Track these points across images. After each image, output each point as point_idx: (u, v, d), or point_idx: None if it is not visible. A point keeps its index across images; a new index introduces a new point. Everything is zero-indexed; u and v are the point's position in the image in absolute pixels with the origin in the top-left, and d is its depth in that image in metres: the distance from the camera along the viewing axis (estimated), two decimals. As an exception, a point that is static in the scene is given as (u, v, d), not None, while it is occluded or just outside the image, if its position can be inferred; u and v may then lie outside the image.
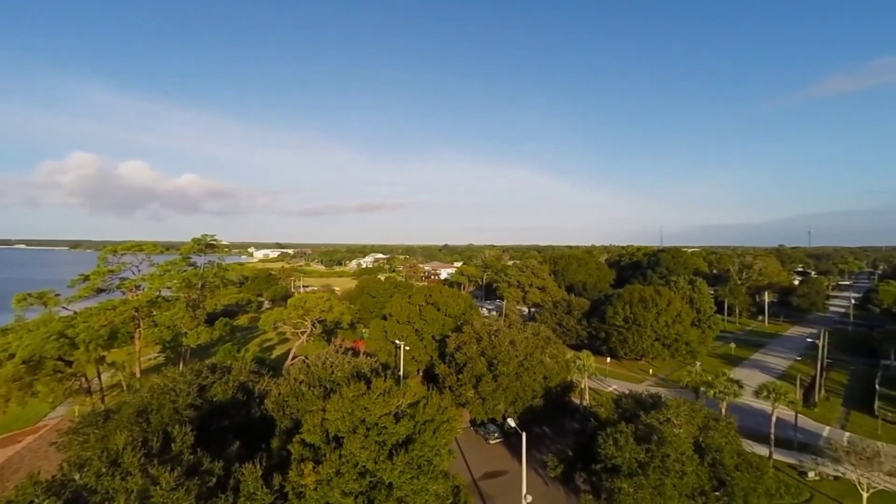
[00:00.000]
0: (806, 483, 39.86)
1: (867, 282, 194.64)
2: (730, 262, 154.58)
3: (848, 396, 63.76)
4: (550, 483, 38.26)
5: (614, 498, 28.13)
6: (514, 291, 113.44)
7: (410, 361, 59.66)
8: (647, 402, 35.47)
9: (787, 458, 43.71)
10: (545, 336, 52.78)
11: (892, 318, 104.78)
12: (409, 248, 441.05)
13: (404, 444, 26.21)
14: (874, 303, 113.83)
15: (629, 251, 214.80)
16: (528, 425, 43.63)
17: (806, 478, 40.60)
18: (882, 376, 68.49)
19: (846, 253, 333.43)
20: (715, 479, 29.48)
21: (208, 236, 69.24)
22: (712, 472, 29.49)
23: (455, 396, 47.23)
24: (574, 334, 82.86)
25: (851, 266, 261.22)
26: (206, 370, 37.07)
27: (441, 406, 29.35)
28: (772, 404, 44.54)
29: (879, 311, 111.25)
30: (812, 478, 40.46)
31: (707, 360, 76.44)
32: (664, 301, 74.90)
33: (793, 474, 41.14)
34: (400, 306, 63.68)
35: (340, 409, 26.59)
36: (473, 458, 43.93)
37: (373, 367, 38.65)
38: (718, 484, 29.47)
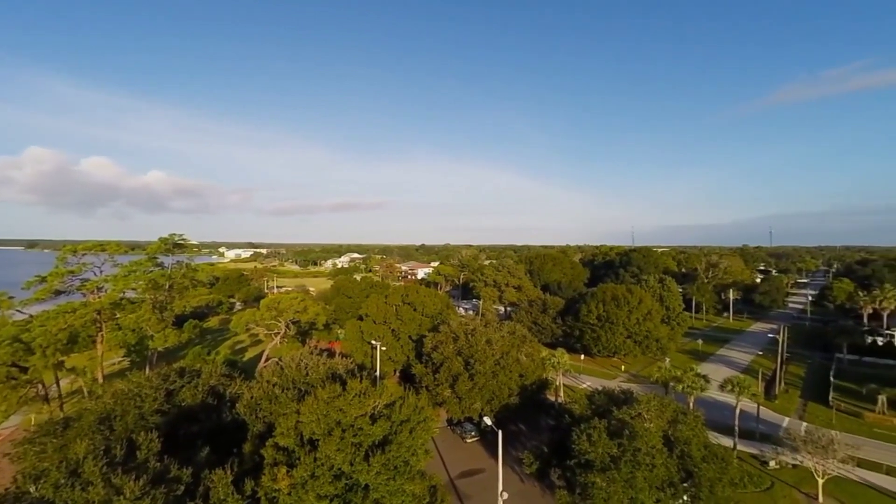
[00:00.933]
0: (767, 472, 41.74)
1: (823, 280, 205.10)
2: (697, 262, 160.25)
3: (805, 388, 67.14)
4: (526, 479, 38.74)
5: (588, 492, 28.71)
6: (491, 291, 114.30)
7: (387, 362, 59.29)
8: (620, 397, 36.38)
9: (749, 448, 45.65)
10: (521, 335, 53.39)
11: (845, 313, 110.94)
12: (385, 248, 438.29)
13: (381, 445, 26.05)
14: (829, 299, 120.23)
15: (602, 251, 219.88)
16: (504, 423, 44.05)
17: (767, 467, 42.51)
18: (836, 369, 72.50)
19: (804, 252, 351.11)
20: (683, 471, 30.50)
21: (176, 235, 66.93)
22: (681, 464, 30.50)
23: (432, 396, 47.22)
24: (549, 332, 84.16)
25: (808, 265, 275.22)
26: (174, 374, 35.82)
27: (417, 406, 29.30)
28: (736, 397, 46.46)
29: (833, 307, 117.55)
30: (773, 467, 42.40)
31: (676, 356, 78.99)
32: (635, 299, 77.00)
33: (755, 464, 43.01)
34: (376, 306, 63.19)
35: (315, 412, 26.19)
36: (450, 457, 44.04)
37: (348, 369, 38.21)
38: (686, 475, 30.50)
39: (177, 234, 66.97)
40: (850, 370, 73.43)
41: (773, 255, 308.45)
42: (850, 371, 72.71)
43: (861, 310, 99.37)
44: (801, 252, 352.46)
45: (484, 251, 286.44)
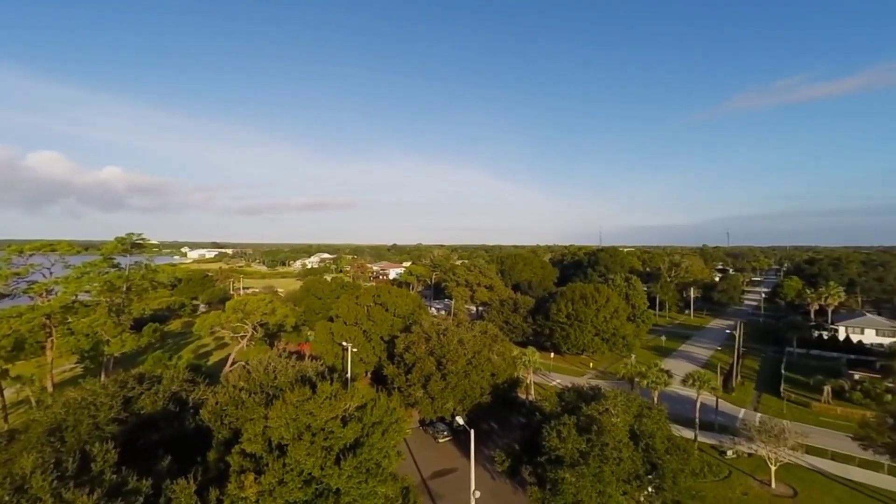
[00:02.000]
0: (725, 461, 43.80)
1: (775, 278, 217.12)
2: (661, 261, 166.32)
3: (760, 381, 70.89)
4: (498, 477, 39.12)
5: (558, 488, 29.27)
6: (463, 290, 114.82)
7: (358, 363, 58.56)
8: (588, 394, 37.27)
9: (709, 439, 47.77)
10: (493, 334, 53.86)
11: (795, 309, 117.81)
12: (356, 248, 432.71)
13: (352, 448, 25.67)
14: (780, 297, 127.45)
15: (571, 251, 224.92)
16: (476, 422, 44.33)
17: (725, 456, 44.60)
18: (786, 362, 76.95)
19: (758, 252, 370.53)
20: (648, 464, 31.59)
21: (135, 235, 63.76)
22: (646, 457, 31.58)
23: (404, 397, 46.98)
24: (520, 331, 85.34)
25: (762, 264, 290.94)
26: (132, 381, 34.12)
27: (389, 407, 29.06)
28: (697, 391, 48.52)
29: (784, 303, 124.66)
30: (730, 456, 44.53)
31: (641, 353, 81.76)
32: (603, 298, 79.17)
33: (714, 454, 45.05)
34: (347, 307, 62.31)
35: (284, 416, 25.53)
36: (423, 458, 43.94)
37: (318, 371, 37.49)
38: (651, 468, 31.61)
39: (135, 234, 63.81)
40: (800, 363, 78.07)
41: (731, 254, 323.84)
42: (799, 363, 77.29)
43: (809, 306, 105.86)
44: (755, 252, 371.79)
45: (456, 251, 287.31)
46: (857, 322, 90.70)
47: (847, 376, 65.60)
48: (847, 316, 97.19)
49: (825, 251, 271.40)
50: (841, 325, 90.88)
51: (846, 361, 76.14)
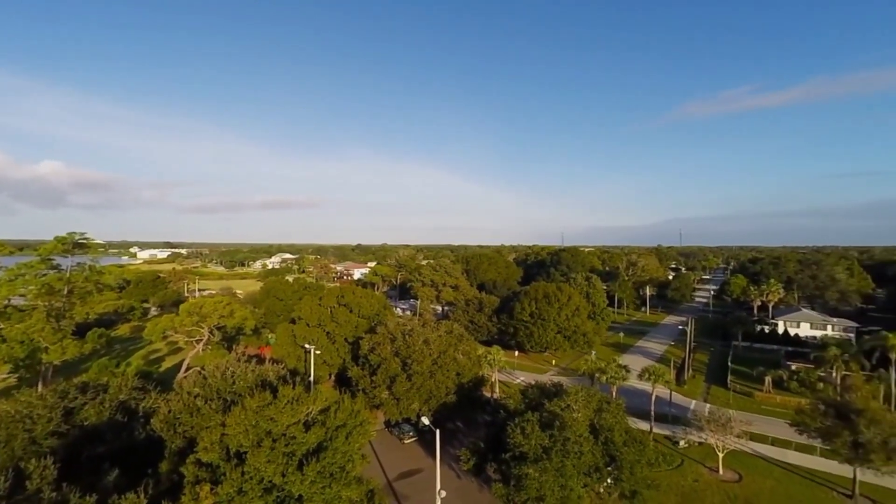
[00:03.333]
0: (678, 451, 46.10)
1: (722, 276, 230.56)
2: (619, 260, 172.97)
3: (709, 373, 75.10)
4: (464, 476, 39.39)
5: (521, 483, 29.83)
6: (428, 290, 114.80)
7: (322, 366, 57.35)
8: (551, 390, 38.20)
9: (664, 430, 50.12)
10: (458, 333, 54.17)
11: (740, 305, 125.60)
12: (320, 248, 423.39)
13: (315, 453, 25.14)
14: (727, 294, 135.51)
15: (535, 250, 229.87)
16: (442, 422, 44.44)
17: (678, 446, 46.95)
18: (732, 355, 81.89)
19: (707, 252, 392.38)
20: (607, 456, 32.77)
21: (77, 234, 59.61)
22: (605, 450, 32.74)
23: (369, 399, 46.46)
24: (485, 330, 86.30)
25: (711, 263, 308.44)
26: (74, 390, 31.90)
27: (354, 410, 28.67)
28: (652, 385, 50.79)
29: (731, 300, 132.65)
30: (682, 446, 46.91)
31: (601, 349, 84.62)
32: (565, 296, 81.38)
33: (668, 444, 47.31)
34: (310, 308, 60.87)
35: (243, 422, 24.65)
36: (388, 460, 43.60)
37: (280, 375, 36.46)
38: (610, 460, 32.81)
39: (77, 233, 59.67)
40: (745, 355, 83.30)
41: (683, 254, 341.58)
42: (744, 356, 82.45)
43: (752, 302, 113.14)
44: (705, 251, 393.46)
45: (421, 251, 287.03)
46: (793, 317, 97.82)
47: (785, 367, 70.58)
48: (785, 311, 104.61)
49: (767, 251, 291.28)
50: (780, 320, 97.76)
51: (784, 353, 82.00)
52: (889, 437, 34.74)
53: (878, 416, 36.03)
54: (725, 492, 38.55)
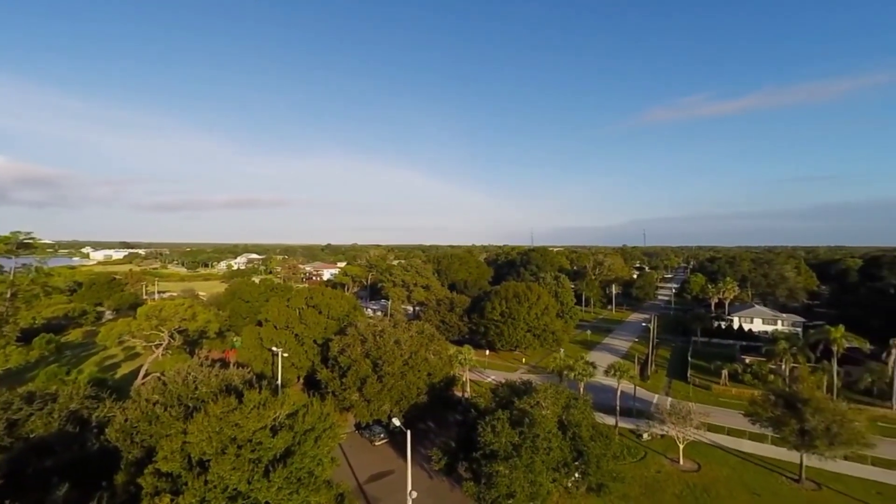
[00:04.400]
0: (641, 444, 47.79)
1: (683, 275, 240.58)
2: (586, 260, 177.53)
3: (670, 368, 78.21)
4: (435, 476, 39.45)
5: (492, 481, 30.16)
6: (399, 291, 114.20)
7: (290, 369, 56.07)
8: (521, 388, 38.82)
9: (628, 424, 51.81)
10: (429, 333, 54.18)
11: (699, 303, 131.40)
12: (288, 248, 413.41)
13: (282, 459, 24.56)
14: (687, 291, 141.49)
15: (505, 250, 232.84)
16: (413, 422, 44.33)
17: (641, 439, 48.66)
18: (692, 350, 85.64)
19: (669, 251, 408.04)
20: (575, 451, 33.59)
21: (21, 233, 55.97)
22: (573, 445, 33.55)
23: (339, 401, 45.78)
24: (456, 330, 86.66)
25: (673, 262, 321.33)
26: (18, 400, 29.94)
27: (323, 413, 28.19)
28: (617, 381, 52.43)
29: (691, 297, 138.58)
30: (646, 439, 48.66)
31: (569, 347, 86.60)
32: (534, 296, 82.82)
33: (632, 437, 48.97)
34: (277, 310, 59.37)
35: (206, 429, 23.79)
36: (359, 462, 43.11)
37: (245, 379, 35.37)
38: (577, 455, 33.65)
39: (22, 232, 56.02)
40: (703, 350, 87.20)
41: (647, 253, 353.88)
42: (703, 351, 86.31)
43: (710, 299, 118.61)
44: (667, 251, 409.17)
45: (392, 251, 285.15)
46: (747, 313, 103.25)
47: (740, 361, 74.41)
48: (740, 308, 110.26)
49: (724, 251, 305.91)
50: (735, 316, 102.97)
51: (739, 348, 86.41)
52: (831, 424, 37.24)
53: (822, 404, 38.57)
54: (685, 481, 40.26)
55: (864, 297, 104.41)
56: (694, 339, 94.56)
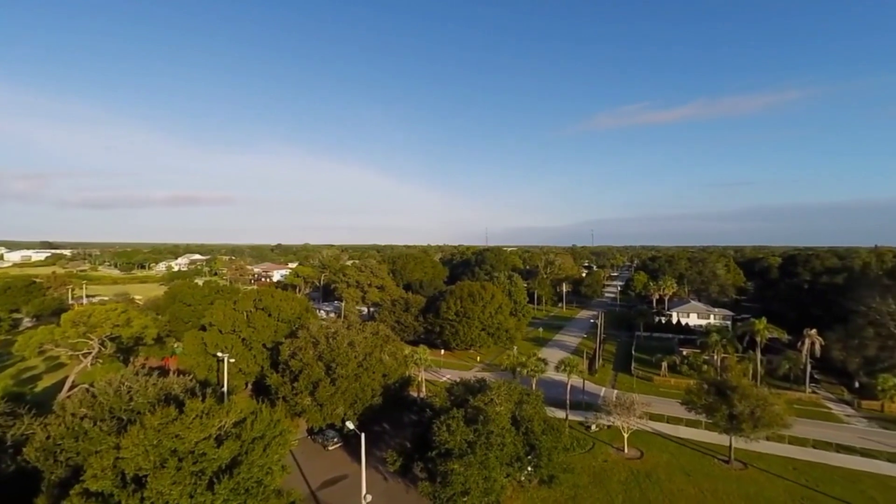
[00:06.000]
0: (589, 435, 49.95)
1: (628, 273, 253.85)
2: (538, 260, 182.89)
3: (616, 362, 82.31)
4: (391, 478, 39.13)
5: (447, 479, 30.38)
6: (354, 291, 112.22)
7: (237, 375, 53.54)
8: (475, 386, 39.37)
9: (578, 416, 53.97)
10: (384, 334, 53.68)
11: (642, 299, 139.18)
12: (235, 248, 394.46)
13: (228, 469, 23.43)
14: (631, 289, 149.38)
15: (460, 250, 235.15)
16: (368, 425, 43.74)
17: (590, 430, 50.86)
18: (636, 344, 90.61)
19: (615, 251, 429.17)
20: (527, 445, 34.56)
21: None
22: (525, 440, 34.49)
23: (290, 407, 44.32)
24: (412, 330, 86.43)
25: (618, 261, 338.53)
26: (-85, 421, 26.48)
27: (273, 419, 27.20)
28: (567, 376, 54.45)
29: (635, 294, 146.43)
30: (594, 430, 50.91)
31: (522, 344, 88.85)
32: (489, 294, 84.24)
33: (581, 429, 51.07)
34: (223, 314, 56.46)
35: (142, 443, 22.23)
36: (311, 468, 41.92)
37: (187, 387, 33.43)
38: (530, 449, 34.64)
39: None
40: (646, 344, 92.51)
41: (595, 253, 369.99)
42: (645, 345, 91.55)
43: (652, 296, 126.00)
44: (613, 251, 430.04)
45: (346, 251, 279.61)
46: (684, 308, 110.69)
47: (678, 353, 79.64)
48: (678, 303, 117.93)
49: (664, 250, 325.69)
50: (674, 311, 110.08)
51: (677, 341, 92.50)
52: (755, 408, 40.78)
53: (748, 391, 42.13)
54: (630, 468, 42.54)
55: (783, 292, 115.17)
56: (637, 334, 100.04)
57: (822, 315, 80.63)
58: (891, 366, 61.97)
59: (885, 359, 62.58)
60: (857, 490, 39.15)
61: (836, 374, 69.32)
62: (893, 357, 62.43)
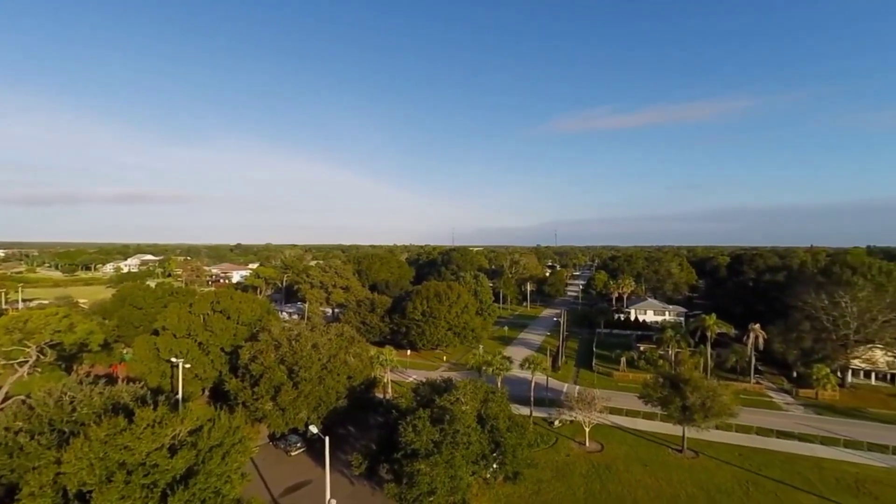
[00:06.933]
0: (553, 430, 51.21)
1: (589, 272, 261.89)
2: (503, 259, 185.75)
3: (578, 358, 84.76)
4: (356, 481, 38.59)
5: (414, 480, 30.31)
6: (318, 292, 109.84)
7: (193, 381, 51.27)
8: (441, 386, 39.47)
9: (541, 413, 55.19)
10: (349, 336, 52.86)
11: (603, 297, 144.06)
12: (191, 248, 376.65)
13: (183, 480, 22.39)
14: (592, 287, 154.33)
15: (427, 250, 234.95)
16: (333, 428, 42.96)
17: (553, 426, 52.13)
18: (597, 341, 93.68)
19: (578, 251, 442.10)
20: (493, 443, 34.99)
21: None
22: (491, 437, 34.92)
23: (250, 412, 42.84)
24: (378, 331, 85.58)
25: (580, 260, 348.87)
26: None
27: (232, 426, 26.24)
28: (531, 373, 55.57)
29: (595, 293, 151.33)
30: (557, 425, 52.22)
31: (488, 343, 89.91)
32: (455, 294, 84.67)
33: (545, 425, 52.26)
34: (178, 317, 53.86)
35: (86, 456, 20.87)
36: (273, 475, 40.69)
37: (138, 395, 31.69)
38: (495, 446, 35.10)
39: None
40: (606, 341, 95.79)
41: (558, 253, 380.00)
42: (605, 341, 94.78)
43: (611, 294, 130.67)
44: (576, 251, 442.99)
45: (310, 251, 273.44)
46: (641, 305, 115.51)
47: (636, 349, 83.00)
48: (636, 301, 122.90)
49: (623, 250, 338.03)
50: (632, 309, 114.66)
51: (635, 337, 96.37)
52: (706, 399, 43.13)
53: (699, 383, 44.50)
54: (591, 461, 43.95)
55: (731, 290, 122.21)
56: (598, 331, 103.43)
57: (765, 310, 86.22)
58: (824, 356, 67.21)
59: (819, 350, 67.78)
60: (795, 472, 42.21)
61: (777, 366, 74.37)
62: (826, 348, 67.72)
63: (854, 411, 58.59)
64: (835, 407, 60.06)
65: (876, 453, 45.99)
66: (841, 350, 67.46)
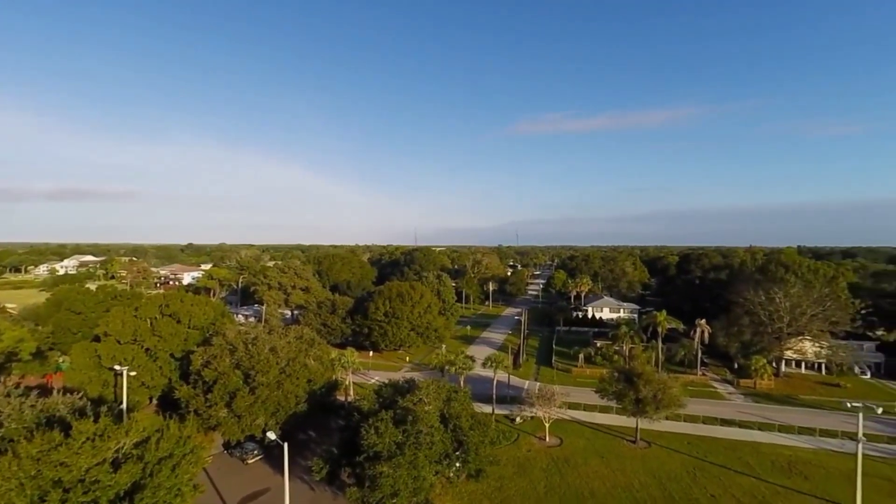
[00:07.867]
0: (514, 427, 52.18)
1: (549, 271, 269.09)
2: (466, 259, 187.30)
3: (539, 356, 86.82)
4: (317, 487, 37.70)
5: (376, 483, 29.97)
6: (276, 294, 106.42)
7: (139, 389, 48.31)
8: (404, 387, 39.27)
9: (504, 410, 56.08)
10: (309, 338, 51.58)
11: (562, 296, 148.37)
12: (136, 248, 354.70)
13: (129, 495, 21.07)
14: (552, 286, 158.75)
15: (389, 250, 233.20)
16: (292, 433, 41.75)
17: (514, 423, 53.12)
18: (556, 338, 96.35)
19: (538, 251, 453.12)
20: (456, 442, 35.21)
21: None
22: (454, 436, 35.12)
23: (203, 420, 40.88)
24: (339, 333, 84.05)
25: (541, 260, 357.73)
26: None
27: (182, 436, 24.94)
28: (494, 371, 56.40)
29: (555, 291, 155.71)
30: (518, 422, 53.26)
31: (451, 342, 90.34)
32: (417, 294, 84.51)
33: (506, 422, 53.15)
34: (122, 321, 50.52)
35: (15, 475, 19.20)
36: (228, 485, 39.00)
37: (75, 407, 29.54)
38: (458, 445, 35.33)
39: None
40: (565, 338, 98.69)
41: (519, 252, 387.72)
42: (565, 339, 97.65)
43: (570, 292, 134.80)
44: (536, 250, 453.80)
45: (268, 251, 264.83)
46: (598, 303, 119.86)
47: (593, 345, 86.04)
48: (593, 299, 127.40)
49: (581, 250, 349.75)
50: (589, 307, 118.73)
51: (592, 334, 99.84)
52: (657, 391, 45.38)
53: (651, 377, 46.77)
54: (551, 455, 45.15)
55: (679, 287, 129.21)
56: (558, 329, 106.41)
57: (710, 307, 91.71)
58: (762, 348, 72.46)
59: (757, 342, 73.03)
60: (736, 457, 45.24)
61: (721, 358, 79.38)
62: (763, 341, 73.03)
63: (787, 398, 63.53)
64: (771, 395, 64.88)
65: (805, 436, 50.11)
66: (776, 342, 72.95)
